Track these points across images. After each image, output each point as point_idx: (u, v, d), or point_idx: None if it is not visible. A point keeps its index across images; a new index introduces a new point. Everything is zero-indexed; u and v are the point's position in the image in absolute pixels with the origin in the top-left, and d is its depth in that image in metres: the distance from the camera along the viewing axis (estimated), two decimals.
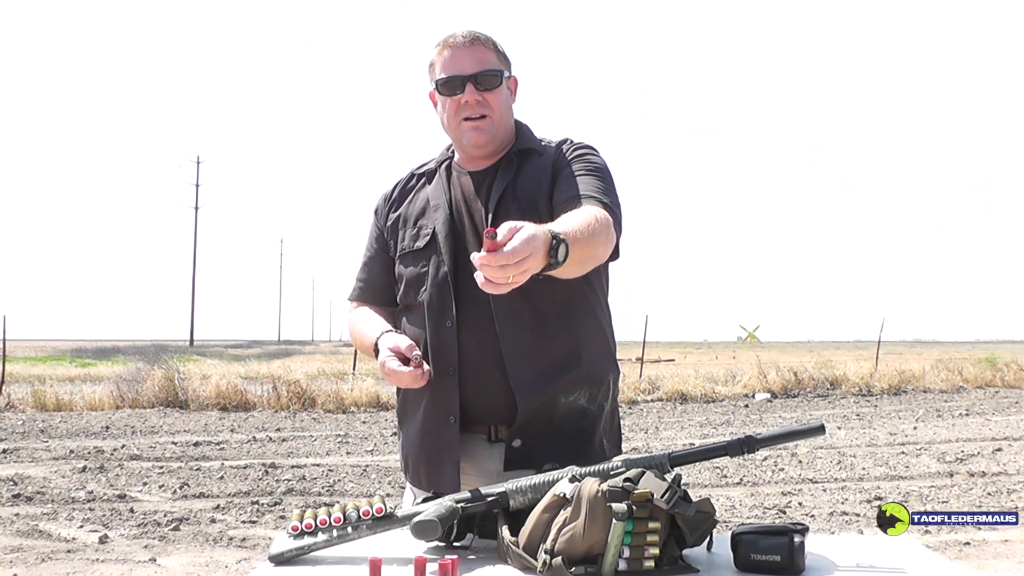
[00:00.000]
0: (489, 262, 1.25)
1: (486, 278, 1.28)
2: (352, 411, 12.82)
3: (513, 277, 1.28)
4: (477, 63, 1.71)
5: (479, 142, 1.74)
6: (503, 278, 1.27)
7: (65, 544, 5.10)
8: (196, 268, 52.22)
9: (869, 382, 16.08)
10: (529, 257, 1.28)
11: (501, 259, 1.25)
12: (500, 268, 1.26)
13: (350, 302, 1.91)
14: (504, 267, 1.26)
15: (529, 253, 1.27)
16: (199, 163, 53.73)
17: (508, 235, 1.27)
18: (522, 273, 1.29)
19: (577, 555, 1.25)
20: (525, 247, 1.27)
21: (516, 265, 1.26)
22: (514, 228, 1.28)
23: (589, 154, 1.76)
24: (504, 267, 1.26)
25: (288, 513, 5.83)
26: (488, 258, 1.25)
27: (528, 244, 1.27)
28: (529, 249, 1.27)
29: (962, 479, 7.01)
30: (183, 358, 17.91)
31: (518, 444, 1.65)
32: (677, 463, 1.38)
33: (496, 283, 1.28)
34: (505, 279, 1.27)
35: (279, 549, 1.39)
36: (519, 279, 1.29)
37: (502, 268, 1.26)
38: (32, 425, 10.85)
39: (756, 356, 18.79)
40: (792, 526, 1.30)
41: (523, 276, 1.30)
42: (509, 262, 1.25)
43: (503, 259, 1.25)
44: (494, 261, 1.25)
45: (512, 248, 1.26)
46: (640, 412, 12.95)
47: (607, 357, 1.76)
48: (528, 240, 1.27)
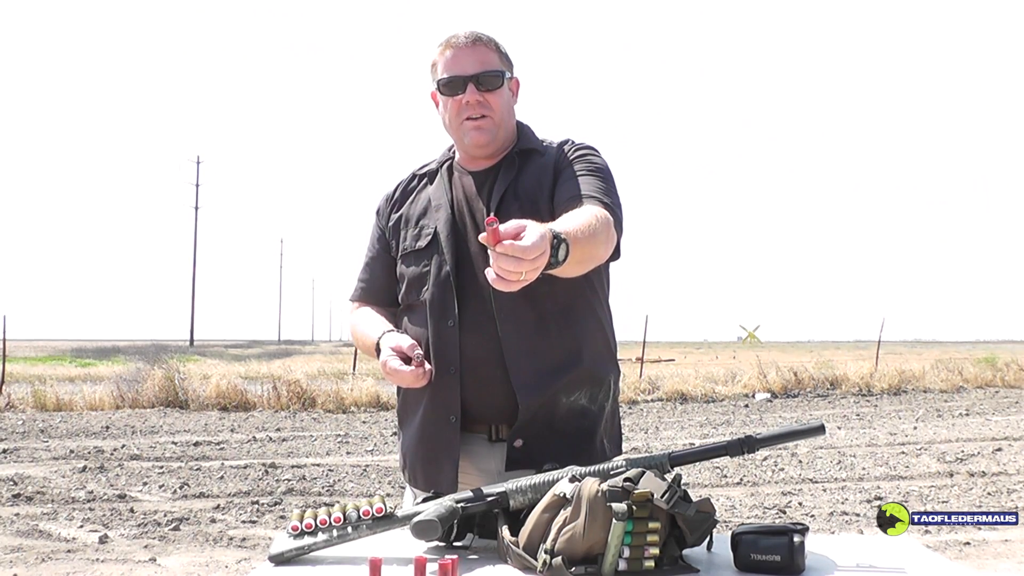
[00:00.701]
0: (507, 251, 1.22)
1: (498, 273, 1.25)
2: (352, 411, 12.82)
3: (526, 274, 1.26)
4: (479, 63, 1.71)
5: (481, 142, 1.74)
6: (515, 274, 1.25)
7: (65, 544, 5.10)
8: (196, 268, 52.31)
9: (869, 382, 16.08)
10: (542, 255, 1.27)
11: (518, 251, 1.23)
12: (515, 261, 1.23)
13: (351, 303, 1.92)
14: (519, 261, 1.23)
15: (543, 251, 1.27)
16: (199, 163, 53.76)
17: (516, 229, 1.25)
18: (535, 271, 1.28)
19: (577, 555, 1.25)
20: (541, 243, 1.26)
21: (531, 262, 1.25)
22: (521, 226, 1.27)
23: (590, 154, 1.76)
24: (519, 261, 1.23)
25: (288, 513, 5.83)
26: (505, 247, 1.22)
27: (543, 241, 1.26)
28: (542, 247, 1.26)
29: (962, 479, 7.01)
30: (183, 358, 17.92)
31: (519, 444, 1.65)
32: (677, 463, 1.38)
33: (508, 279, 1.26)
34: (518, 275, 1.25)
35: (279, 549, 1.39)
36: (530, 276, 1.28)
37: (517, 261, 1.23)
38: (32, 425, 10.86)
39: (756, 356, 18.79)
40: (792, 526, 1.30)
41: (533, 274, 1.28)
42: (525, 256, 1.23)
43: (520, 252, 1.23)
44: (511, 251, 1.22)
45: (532, 243, 1.24)
46: (640, 412, 12.95)
47: (608, 357, 1.76)
48: (542, 237, 1.26)
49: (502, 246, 1.23)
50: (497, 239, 1.23)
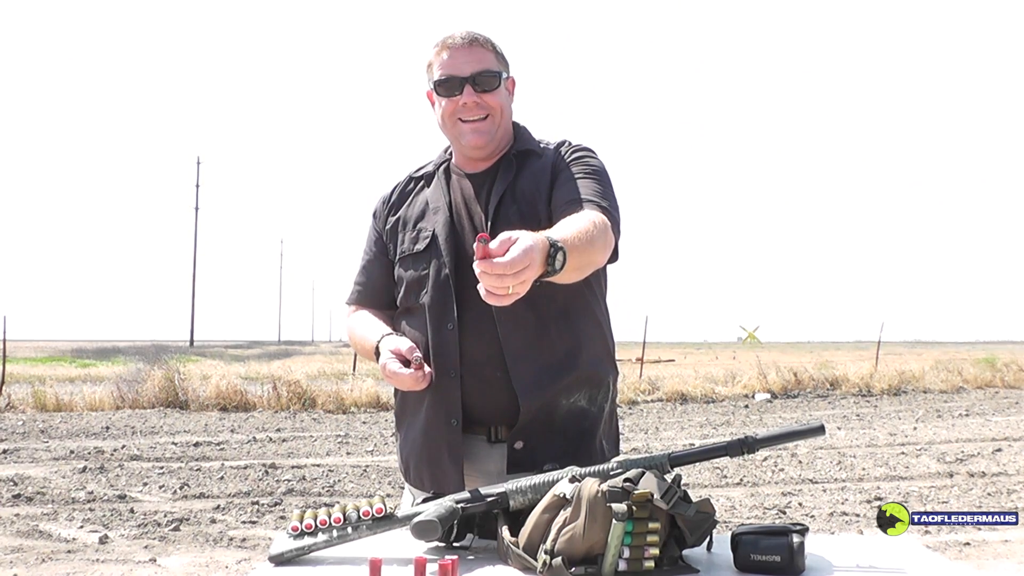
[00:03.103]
0: (487, 269, 1.25)
1: (487, 290, 1.28)
2: (352, 411, 12.82)
3: (513, 288, 1.28)
4: (475, 64, 1.71)
5: (478, 143, 1.74)
6: (502, 289, 1.27)
7: (65, 544, 5.10)
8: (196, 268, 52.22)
9: (869, 382, 16.09)
10: (527, 268, 1.28)
11: (499, 268, 1.25)
12: (498, 278, 1.26)
13: (348, 306, 1.91)
14: (502, 277, 1.26)
15: (527, 264, 1.28)
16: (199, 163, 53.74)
17: (503, 246, 1.27)
18: (521, 284, 1.29)
19: (577, 555, 1.25)
20: (523, 258, 1.27)
21: (514, 276, 1.26)
22: (510, 239, 1.28)
23: (587, 156, 1.76)
24: (502, 277, 1.26)
25: (288, 513, 5.83)
26: (486, 265, 1.25)
27: (526, 255, 1.27)
28: (527, 260, 1.27)
29: (962, 479, 7.01)
30: (183, 358, 17.91)
31: (520, 446, 1.65)
32: (677, 463, 1.38)
33: (496, 294, 1.28)
34: (504, 290, 1.27)
35: (279, 549, 1.39)
36: (519, 290, 1.30)
37: (499, 278, 1.26)
38: (32, 425, 10.85)
39: (756, 356, 18.81)
40: (792, 526, 1.30)
41: (523, 287, 1.30)
42: (507, 272, 1.25)
43: (500, 268, 1.25)
44: (492, 269, 1.25)
45: (511, 259, 1.25)
46: (640, 412, 12.95)
47: (606, 358, 1.76)
48: (526, 251, 1.27)
49: (481, 263, 1.25)
50: (484, 256, 1.26)
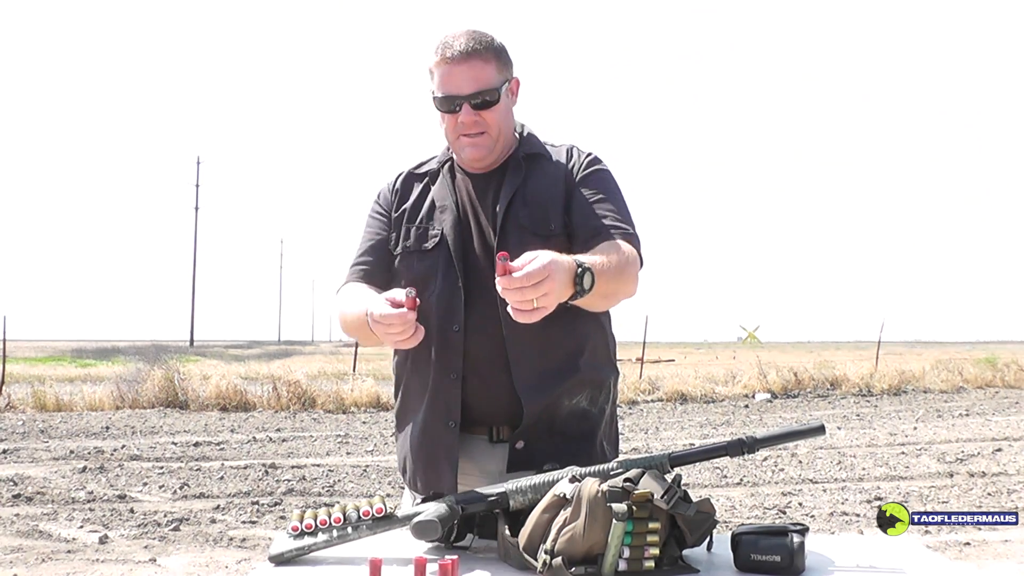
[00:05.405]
0: (507, 285, 1.30)
1: (513, 307, 1.33)
2: (352, 411, 12.82)
3: (537, 301, 1.32)
4: (473, 81, 1.66)
5: (476, 157, 1.73)
6: (526, 304, 1.31)
7: (65, 544, 5.10)
8: (196, 268, 52.18)
9: (869, 382, 16.09)
10: (546, 280, 1.31)
11: (516, 282, 1.29)
12: (519, 291, 1.30)
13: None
14: (522, 290, 1.30)
15: (546, 276, 1.31)
16: (199, 163, 53.75)
17: (523, 263, 1.32)
18: (543, 296, 1.32)
19: (577, 555, 1.25)
20: (541, 271, 1.31)
21: (534, 288, 1.30)
22: (531, 257, 1.33)
23: (600, 170, 1.75)
24: (522, 290, 1.30)
25: (288, 513, 5.83)
26: (506, 281, 1.29)
27: (544, 268, 1.31)
28: (545, 272, 1.31)
29: (962, 479, 7.01)
30: (183, 358, 17.89)
31: (521, 446, 1.65)
32: (677, 463, 1.38)
33: (521, 310, 1.32)
34: (529, 304, 1.32)
35: (279, 549, 1.39)
36: (543, 303, 1.33)
37: (520, 291, 1.30)
38: (32, 425, 10.85)
39: (756, 356, 18.79)
40: (792, 526, 1.30)
41: (546, 300, 1.33)
42: (525, 284, 1.29)
43: (518, 282, 1.29)
44: (510, 284, 1.29)
45: (527, 272, 1.30)
46: (640, 412, 12.95)
47: (607, 360, 1.76)
48: (544, 265, 1.31)
49: (501, 280, 1.30)
50: (504, 272, 1.30)
